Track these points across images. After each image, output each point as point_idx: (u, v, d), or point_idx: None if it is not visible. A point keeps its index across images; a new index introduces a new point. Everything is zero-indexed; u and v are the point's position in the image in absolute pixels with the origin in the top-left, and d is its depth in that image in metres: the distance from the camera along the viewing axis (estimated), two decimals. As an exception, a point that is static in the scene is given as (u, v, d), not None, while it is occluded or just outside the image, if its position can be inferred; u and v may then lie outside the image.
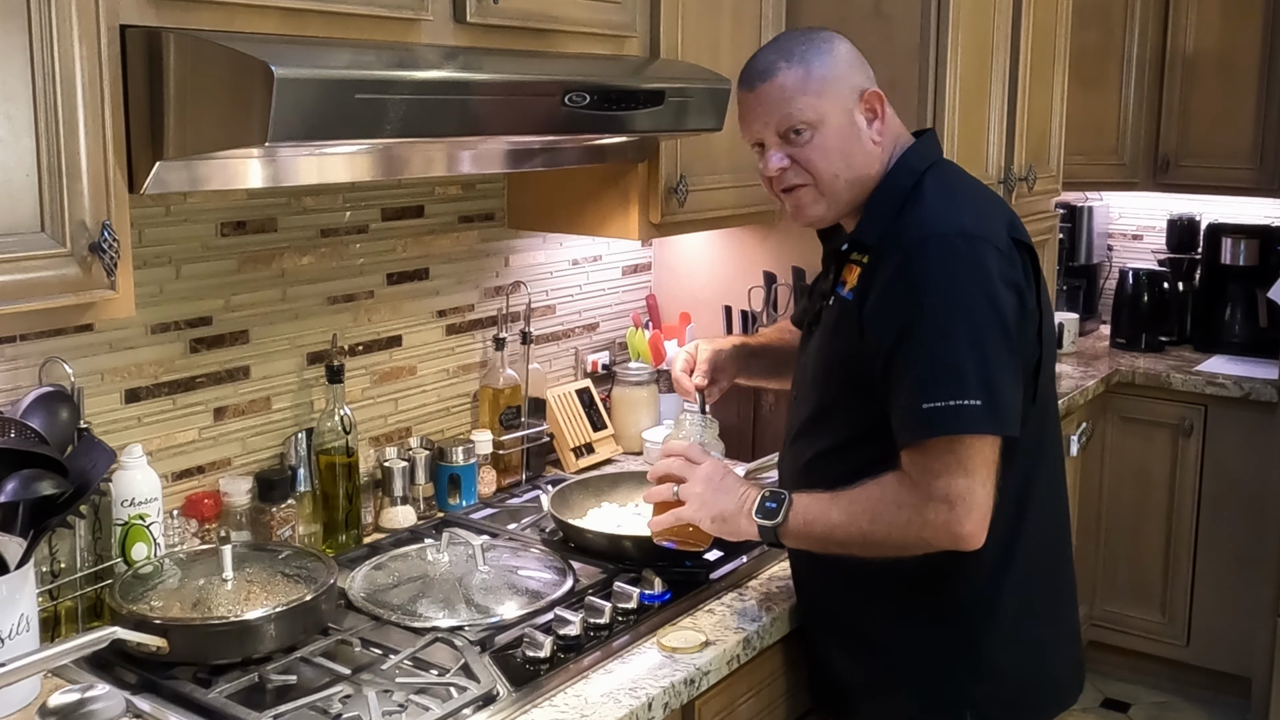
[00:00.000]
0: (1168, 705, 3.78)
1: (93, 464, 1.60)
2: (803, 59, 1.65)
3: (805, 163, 1.67)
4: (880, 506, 1.58)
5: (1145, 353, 3.99)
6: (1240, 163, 3.77)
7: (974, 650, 1.69)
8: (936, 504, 1.53)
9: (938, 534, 1.55)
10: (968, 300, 1.54)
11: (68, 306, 1.41)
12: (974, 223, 1.60)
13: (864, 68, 1.71)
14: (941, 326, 1.54)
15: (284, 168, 1.70)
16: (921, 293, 1.56)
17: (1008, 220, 1.67)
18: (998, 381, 1.54)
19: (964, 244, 1.57)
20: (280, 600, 1.65)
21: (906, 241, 1.59)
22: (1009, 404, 1.55)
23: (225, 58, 1.40)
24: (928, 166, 1.69)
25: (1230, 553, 3.64)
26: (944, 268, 1.56)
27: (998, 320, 1.55)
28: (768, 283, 2.67)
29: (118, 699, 1.43)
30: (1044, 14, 2.97)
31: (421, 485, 2.26)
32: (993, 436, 1.55)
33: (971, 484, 1.53)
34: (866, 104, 1.67)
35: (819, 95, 1.65)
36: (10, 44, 1.30)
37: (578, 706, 1.57)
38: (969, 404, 1.51)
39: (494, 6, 1.83)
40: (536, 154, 2.09)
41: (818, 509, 1.64)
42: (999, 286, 1.56)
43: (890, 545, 1.59)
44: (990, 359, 1.53)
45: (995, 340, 1.54)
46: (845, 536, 1.61)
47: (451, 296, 2.39)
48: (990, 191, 1.78)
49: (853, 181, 1.68)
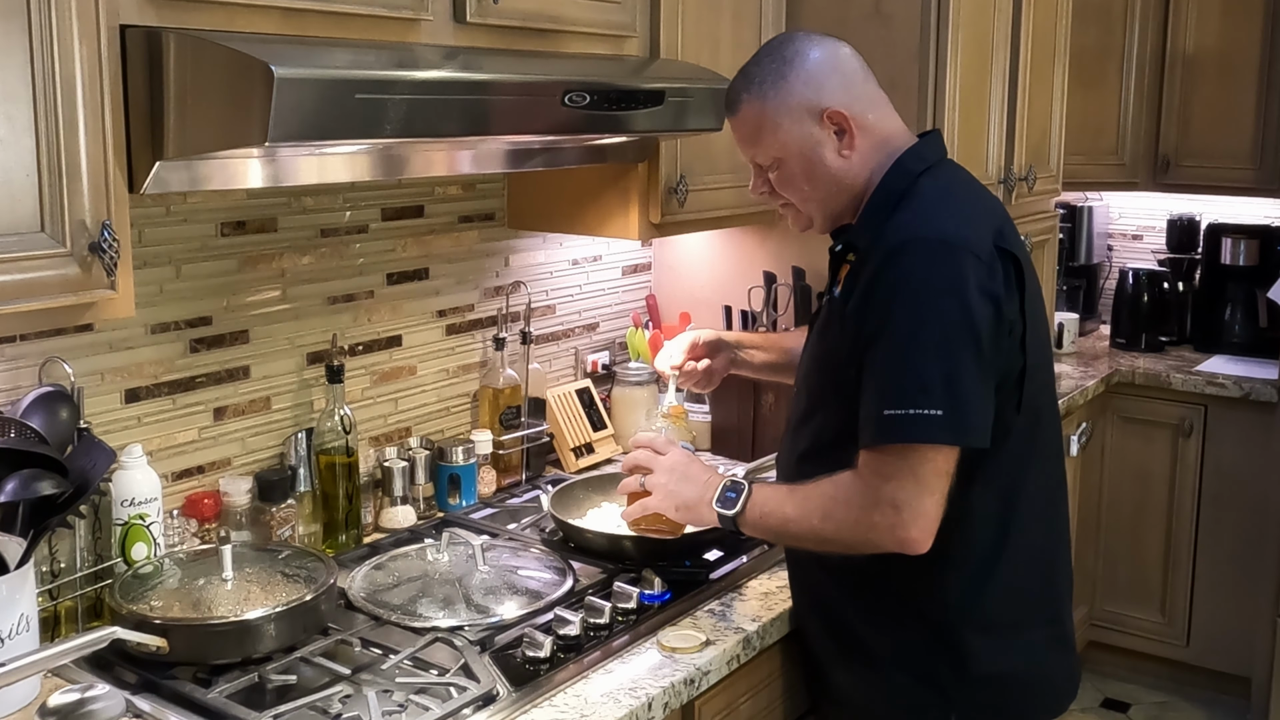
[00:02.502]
0: (1168, 705, 3.78)
1: (93, 464, 1.60)
2: (760, 91, 1.68)
3: (780, 189, 1.73)
4: (831, 505, 1.60)
5: (1145, 353, 3.99)
6: (1240, 163, 3.77)
7: (959, 654, 1.68)
8: (884, 508, 1.54)
9: (882, 537, 1.56)
10: (940, 308, 1.54)
11: (68, 306, 1.41)
12: (956, 229, 1.59)
13: (830, 80, 1.68)
14: (911, 332, 1.54)
15: (284, 168, 1.70)
16: (894, 297, 1.56)
17: (996, 228, 1.65)
18: (964, 391, 1.53)
19: (942, 250, 1.56)
20: (280, 600, 1.65)
21: (888, 245, 1.60)
22: (975, 414, 1.54)
23: (225, 58, 1.40)
24: (925, 169, 1.69)
25: (1230, 553, 3.64)
26: (919, 273, 1.56)
27: (969, 329, 1.54)
28: (768, 283, 2.67)
29: (118, 699, 1.43)
30: (1044, 14, 2.97)
31: (421, 485, 2.26)
32: (949, 447, 1.54)
33: (920, 492, 1.53)
34: (831, 122, 1.67)
35: (775, 132, 1.68)
36: (10, 44, 1.30)
37: (578, 706, 1.57)
38: (930, 413, 1.51)
39: (494, 6, 1.83)
40: (536, 154, 2.09)
41: (774, 502, 1.67)
42: (974, 295, 1.54)
43: (838, 543, 1.62)
44: (958, 368, 1.53)
45: (966, 349, 1.53)
46: (798, 531, 1.65)
47: (451, 296, 2.39)
48: (987, 196, 1.77)
49: (828, 198, 1.71)
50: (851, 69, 1.71)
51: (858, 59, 1.73)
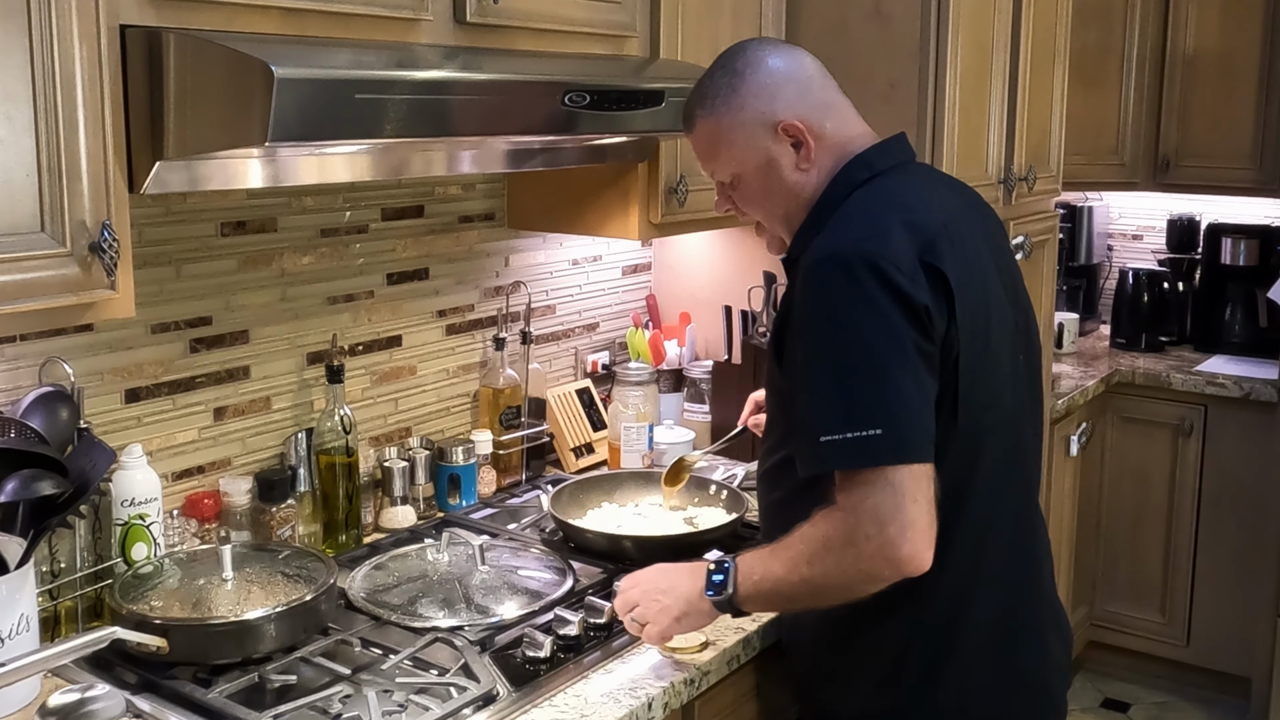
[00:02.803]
0: (1168, 705, 3.78)
1: (93, 464, 1.60)
2: (713, 106, 1.62)
3: (741, 206, 1.70)
4: (814, 547, 1.48)
5: (1145, 353, 3.99)
6: (1240, 163, 3.77)
7: (934, 682, 1.59)
8: (865, 529, 1.43)
9: (874, 564, 1.43)
10: (862, 324, 1.44)
11: (68, 306, 1.41)
12: (875, 244, 1.47)
13: (785, 90, 1.60)
14: (832, 353, 1.46)
15: (284, 168, 1.70)
16: (812, 318, 1.48)
17: (926, 241, 1.50)
18: (898, 406, 1.43)
19: (856, 264, 1.45)
20: (280, 600, 1.65)
21: (806, 263, 1.52)
22: (914, 429, 1.43)
23: (225, 58, 1.40)
24: (869, 177, 1.60)
25: (1230, 553, 3.64)
26: (835, 291, 1.46)
27: (893, 341, 1.44)
28: (768, 283, 2.67)
29: (118, 699, 1.43)
30: (1044, 14, 2.97)
31: (421, 485, 2.26)
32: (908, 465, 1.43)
33: (900, 502, 1.41)
34: (787, 134, 1.60)
35: (730, 147, 1.63)
36: (10, 44, 1.30)
37: (578, 706, 1.57)
38: (868, 434, 1.41)
39: (494, 6, 1.83)
40: (536, 154, 2.09)
41: (760, 565, 1.56)
42: (894, 307, 1.44)
43: (833, 586, 1.49)
44: (888, 382, 1.43)
45: (892, 362, 1.44)
46: (792, 590, 1.52)
47: (451, 296, 2.39)
48: (938, 208, 1.60)
49: (789, 214, 1.65)
50: (807, 76, 1.63)
51: (816, 65, 1.66)
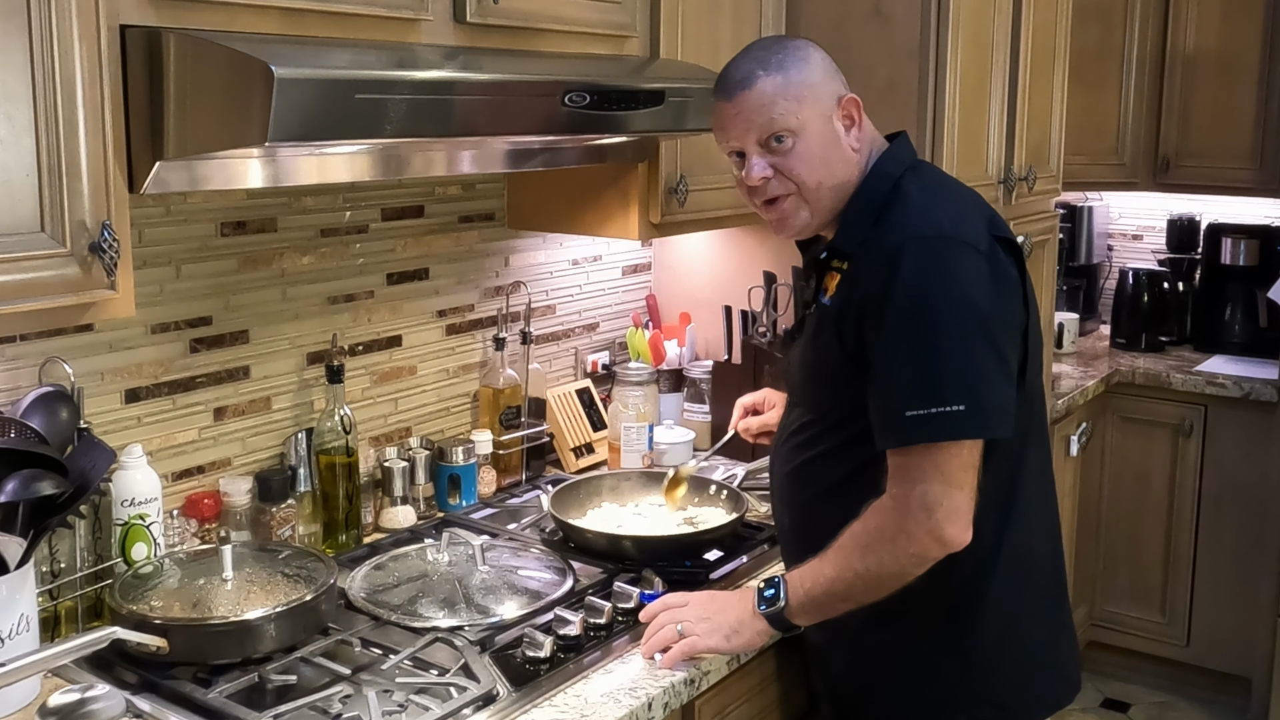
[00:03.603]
0: (1168, 705, 3.78)
1: (93, 464, 1.60)
2: (780, 66, 1.65)
3: (788, 171, 1.66)
4: (865, 539, 1.58)
5: (1145, 353, 3.99)
6: (1240, 163, 3.77)
7: (961, 651, 1.68)
8: (916, 514, 1.54)
9: (923, 545, 1.55)
10: (948, 303, 1.54)
11: (68, 306, 1.41)
12: (952, 224, 1.60)
13: (838, 75, 1.71)
14: (922, 332, 1.54)
15: (284, 168, 1.70)
16: (902, 298, 1.55)
17: (987, 217, 1.66)
18: (981, 384, 1.54)
19: (941, 246, 1.57)
20: (280, 600, 1.65)
21: (886, 247, 1.59)
22: (997, 405, 1.55)
23: (225, 58, 1.40)
24: (904, 170, 1.69)
25: (1230, 553, 3.64)
26: (923, 271, 1.56)
27: (979, 321, 1.55)
28: (768, 283, 2.67)
29: (118, 699, 1.43)
30: (1044, 14, 2.97)
31: (421, 485, 2.26)
32: (974, 441, 1.55)
33: (948, 489, 1.53)
34: (844, 111, 1.67)
35: (799, 101, 1.64)
36: (10, 44, 1.30)
37: (578, 706, 1.57)
38: (951, 410, 1.52)
39: (494, 6, 1.83)
40: (536, 154, 2.09)
41: (809, 574, 1.64)
42: (980, 286, 1.56)
43: (887, 575, 1.58)
44: (973, 361, 1.54)
45: (978, 341, 1.54)
46: (846, 587, 1.60)
47: (451, 296, 2.39)
48: (967, 190, 1.77)
49: (835, 188, 1.69)
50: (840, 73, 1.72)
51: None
